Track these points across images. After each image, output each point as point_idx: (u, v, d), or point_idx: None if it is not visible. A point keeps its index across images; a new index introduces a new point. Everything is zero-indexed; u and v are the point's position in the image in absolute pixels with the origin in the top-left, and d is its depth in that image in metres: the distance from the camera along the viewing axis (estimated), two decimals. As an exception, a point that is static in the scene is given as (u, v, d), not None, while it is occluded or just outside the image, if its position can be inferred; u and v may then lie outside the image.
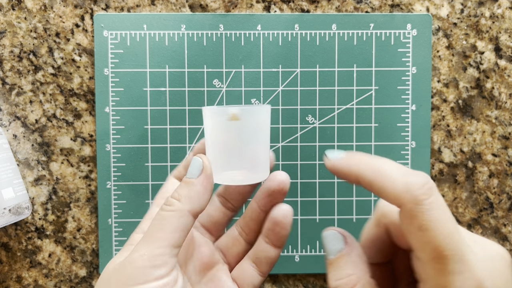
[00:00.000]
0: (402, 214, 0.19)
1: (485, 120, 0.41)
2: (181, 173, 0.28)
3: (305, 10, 0.40)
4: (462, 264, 0.18)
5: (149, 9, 0.40)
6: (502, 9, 0.40)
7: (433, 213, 0.18)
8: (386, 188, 0.19)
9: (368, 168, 0.20)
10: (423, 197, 0.19)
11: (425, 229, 0.18)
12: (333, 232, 0.22)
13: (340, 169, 0.21)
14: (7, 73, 0.40)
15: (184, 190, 0.24)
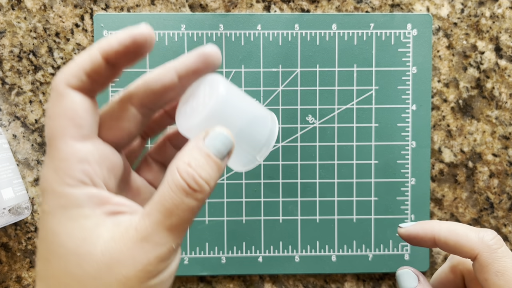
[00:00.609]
0: (477, 263, 0.22)
1: (485, 120, 0.41)
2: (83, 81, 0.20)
3: (305, 10, 0.40)
4: None
5: (149, 9, 0.40)
6: (503, 9, 0.40)
7: (507, 260, 0.22)
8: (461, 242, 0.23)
9: (442, 228, 0.24)
10: (496, 246, 0.22)
11: (502, 274, 0.21)
12: (407, 271, 0.25)
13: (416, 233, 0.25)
14: (7, 73, 0.40)
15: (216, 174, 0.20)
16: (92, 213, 0.19)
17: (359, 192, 0.40)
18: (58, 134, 0.19)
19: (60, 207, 0.19)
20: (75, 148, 0.19)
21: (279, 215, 0.40)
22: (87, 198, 0.19)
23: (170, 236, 0.19)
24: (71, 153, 0.19)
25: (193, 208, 0.19)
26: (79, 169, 0.19)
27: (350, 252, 0.40)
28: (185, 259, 0.40)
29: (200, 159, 0.19)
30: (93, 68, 0.20)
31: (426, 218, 0.40)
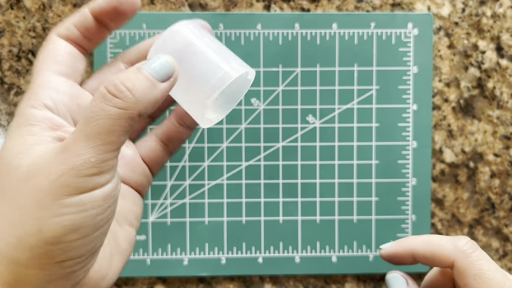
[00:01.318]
0: (456, 270, 0.23)
1: (486, 120, 0.41)
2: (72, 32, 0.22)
3: (305, 9, 0.40)
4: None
5: (148, 8, 0.40)
6: (504, 8, 0.40)
7: (482, 262, 0.22)
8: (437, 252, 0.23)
9: (417, 242, 0.24)
10: (470, 250, 0.23)
11: (479, 276, 0.22)
12: (396, 275, 0.25)
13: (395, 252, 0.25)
14: (6, 72, 0.40)
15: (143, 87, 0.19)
16: (40, 133, 0.19)
17: (359, 192, 0.40)
18: (40, 67, 0.22)
19: (17, 125, 0.20)
20: (49, 78, 0.21)
21: (279, 216, 0.40)
22: (41, 119, 0.20)
23: (88, 146, 0.18)
24: (45, 81, 0.21)
25: (112, 116, 0.18)
26: (47, 95, 0.20)
27: (350, 252, 0.40)
28: (184, 259, 0.40)
29: (129, 73, 0.20)
30: (81, 21, 0.22)
31: (427, 218, 0.40)
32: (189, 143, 0.40)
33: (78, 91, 0.22)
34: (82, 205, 0.18)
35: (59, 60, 0.22)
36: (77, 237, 0.18)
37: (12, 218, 0.18)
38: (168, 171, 0.40)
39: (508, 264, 0.41)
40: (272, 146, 0.40)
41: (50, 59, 0.22)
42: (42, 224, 0.18)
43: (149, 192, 0.40)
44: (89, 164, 0.18)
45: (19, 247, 0.18)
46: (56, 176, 0.18)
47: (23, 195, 0.18)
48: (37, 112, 0.20)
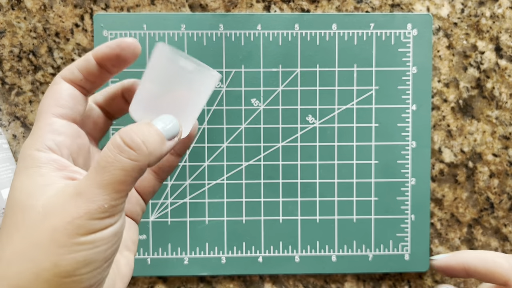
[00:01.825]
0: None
1: (485, 120, 0.41)
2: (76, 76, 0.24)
3: (305, 9, 0.40)
4: None
5: (148, 8, 0.40)
6: (503, 9, 0.40)
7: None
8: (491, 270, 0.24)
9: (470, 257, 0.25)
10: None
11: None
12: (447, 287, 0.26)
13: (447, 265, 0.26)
14: (7, 73, 0.40)
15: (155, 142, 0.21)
16: (48, 173, 0.21)
17: (359, 192, 0.40)
18: (44, 110, 0.23)
19: (24, 167, 0.21)
20: (52, 120, 0.22)
21: (279, 215, 0.40)
22: (48, 161, 0.21)
23: (102, 194, 0.20)
24: (48, 124, 0.22)
25: (126, 168, 0.20)
26: (50, 138, 0.22)
27: (350, 252, 0.40)
28: (185, 259, 0.40)
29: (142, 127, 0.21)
30: (85, 66, 0.23)
31: (427, 218, 0.40)
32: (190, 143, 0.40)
33: (77, 132, 0.24)
34: (94, 243, 0.20)
35: (62, 103, 0.23)
36: (88, 270, 0.20)
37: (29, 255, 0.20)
38: (168, 171, 0.40)
39: (507, 264, 0.41)
40: (272, 146, 0.40)
41: (53, 101, 0.23)
42: (58, 260, 0.19)
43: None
44: (102, 209, 0.20)
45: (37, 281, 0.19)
46: (72, 219, 0.20)
47: (39, 233, 0.20)
48: (42, 154, 0.21)
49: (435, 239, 0.41)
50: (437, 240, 0.41)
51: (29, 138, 0.22)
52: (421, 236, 0.40)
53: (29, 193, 0.21)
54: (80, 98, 0.24)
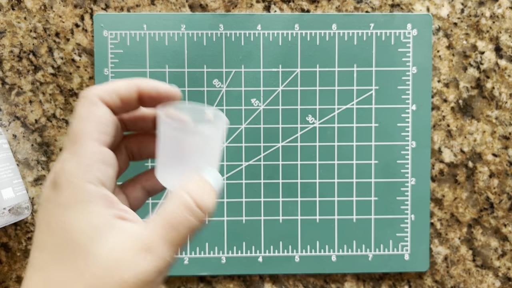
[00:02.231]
0: None
1: (485, 120, 0.41)
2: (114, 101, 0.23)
3: (305, 10, 0.40)
4: None
5: (149, 9, 0.40)
6: (503, 9, 0.40)
7: None
8: None
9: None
10: None
11: None
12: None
13: None
14: (7, 73, 0.40)
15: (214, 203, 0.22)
16: (101, 212, 0.20)
17: (359, 192, 0.40)
18: (85, 134, 0.21)
19: (76, 200, 0.20)
20: (99, 149, 0.21)
21: (279, 215, 0.40)
22: (100, 197, 0.21)
23: (169, 250, 0.21)
24: (95, 153, 0.21)
25: (193, 227, 0.21)
26: (100, 169, 0.21)
27: (350, 252, 0.40)
28: (185, 259, 0.40)
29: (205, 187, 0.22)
30: (126, 94, 0.23)
31: (426, 218, 0.40)
32: (190, 143, 0.40)
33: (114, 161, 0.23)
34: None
35: (104, 130, 0.22)
36: None
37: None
38: (168, 171, 0.40)
39: (507, 264, 0.41)
40: (272, 146, 0.40)
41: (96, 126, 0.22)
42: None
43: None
44: (168, 266, 0.21)
45: None
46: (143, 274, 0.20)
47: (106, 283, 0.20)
48: (93, 188, 0.21)
49: (435, 239, 0.41)
50: (437, 240, 0.41)
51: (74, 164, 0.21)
52: (421, 236, 0.40)
53: (88, 236, 0.20)
54: (118, 125, 0.24)
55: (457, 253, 0.41)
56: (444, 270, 0.41)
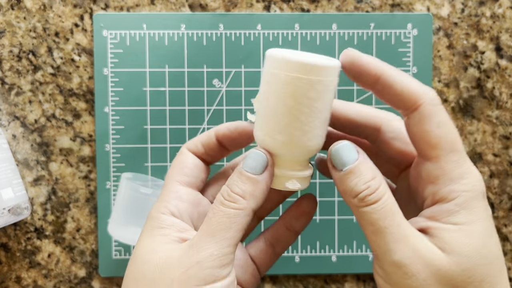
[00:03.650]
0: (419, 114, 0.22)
1: (485, 120, 0.41)
2: (199, 149, 0.26)
3: (305, 9, 0.40)
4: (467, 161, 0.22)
5: (148, 8, 0.40)
6: (503, 8, 0.40)
7: (445, 114, 0.22)
8: (409, 88, 0.22)
9: (392, 70, 0.22)
10: (438, 101, 0.22)
11: (443, 125, 0.21)
12: (347, 143, 0.23)
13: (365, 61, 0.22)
14: (6, 73, 0.40)
15: (249, 187, 0.23)
16: (170, 234, 0.23)
17: (359, 192, 0.40)
18: (170, 178, 0.25)
19: (150, 227, 0.24)
20: (176, 188, 0.25)
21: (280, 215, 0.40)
22: (170, 223, 0.23)
23: (211, 241, 0.21)
24: (172, 191, 0.25)
25: (230, 215, 0.22)
26: (174, 204, 0.24)
27: (350, 252, 0.40)
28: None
29: (234, 177, 0.23)
30: (206, 141, 0.26)
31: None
32: (189, 143, 0.40)
33: (199, 199, 0.25)
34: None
35: (186, 171, 0.25)
36: None
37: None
38: (168, 171, 0.40)
39: (507, 264, 0.41)
40: (272, 146, 0.40)
41: (179, 170, 0.25)
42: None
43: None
44: (212, 258, 0.21)
45: None
46: (186, 269, 0.21)
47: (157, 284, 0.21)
48: (166, 217, 0.24)
49: (435, 239, 0.41)
50: (437, 240, 0.41)
51: (158, 202, 0.24)
52: (421, 236, 0.40)
53: (149, 249, 0.23)
54: (202, 168, 0.26)
55: (458, 253, 0.41)
56: (445, 270, 0.41)
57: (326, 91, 0.22)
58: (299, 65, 0.22)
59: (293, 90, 0.22)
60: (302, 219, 0.28)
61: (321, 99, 0.22)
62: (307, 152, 0.24)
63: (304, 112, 0.22)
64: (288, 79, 0.22)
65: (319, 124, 0.23)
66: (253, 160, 0.23)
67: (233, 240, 0.22)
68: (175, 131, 0.40)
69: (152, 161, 0.40)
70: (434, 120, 0.21)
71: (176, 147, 0.40)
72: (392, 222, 0.21)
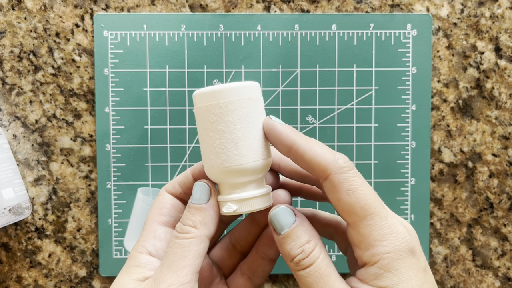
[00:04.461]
0: (329, 183, 0.23)
1: (485, 120, 0.41)
2: (177, 190, 0.27)
3: (305, 10, 0.40)
4: (387, 222, 0.22)
5: (149, 9, 0.40)
6: (502, 9, 0.40)
7: (356, 179, 0.22)
8: (318, 159, 0.22)
9: (302, 140, 0.23)
10: (347, 168, 0.22)
11: (352, 192, 0.22)
12: (283, 207, 0.24)
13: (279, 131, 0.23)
14: (7, 73, 0.40)
15: (198, 217, 0.24)
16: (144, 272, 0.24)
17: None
18: (149, 218, 0.26)
19: (127, 265, 0.25)
20: (154, 227, 0.26)
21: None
22: (146, 262, 0.24)
23: (169, 273, 0.22)
24: (151, 231, 0.25)
25: (183, 245, 0.23)
26: (152, 243, 0.25)
27: (350, 252, 0.40)
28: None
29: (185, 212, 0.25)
30: (184, 181, 0.26)
31: (426, 218, 0.40)
32: (189, 143, 0.40)
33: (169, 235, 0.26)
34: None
35: (164, 211, 0.26)
36: None
37: None
38: (169, 171, 0.40)
39: (507, 264, 0.41)
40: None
41: (157, 210, 0.26)
42: None
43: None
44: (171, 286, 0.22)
45: None
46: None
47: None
48: (142, 256, 0.25)
49: (435, 239, 0.41)
50: (436, 240, 0.41)
51: (137, 241, 0.26)
52: (420, 236, 0.40)
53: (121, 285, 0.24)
54: (180, 207, 0.27)
55: (457, 253, 0.41)
56: (444, 270, 0.41)
57: (227, 112, 0.23)
58: (198, 97, 0.24)
59: (199, 119, 0.24)
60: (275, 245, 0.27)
61: (222, 121, 0.23)
62: (232, 173, 0.24)
63: (211, 136, 0.23)
64: (196, 112, 0.24)
65: (230, 144, 0.23)
66: (198, 192, 0.25)
67: (191, 268, 0.23)
68: (175, 131, 0.40)
69: (152, 161, 0.40)
70: (343, 189, 0.22)
71: (176, 147, 0.40)
72: (324, 285, 0.22)
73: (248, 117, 0.23)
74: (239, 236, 0.28)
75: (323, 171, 0.22)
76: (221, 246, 0.29)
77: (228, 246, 0.28)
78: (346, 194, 0.22)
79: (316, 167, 0.22)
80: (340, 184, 0.22)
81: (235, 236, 0.28)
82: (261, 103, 0.24)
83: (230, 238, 0.29)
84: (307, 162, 0.23)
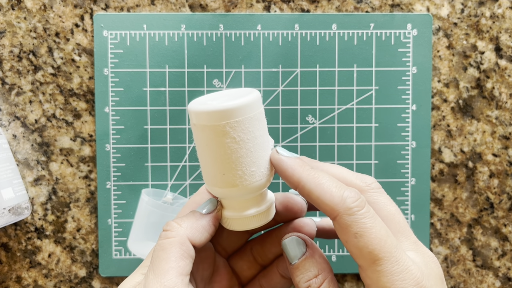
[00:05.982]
0: (337, 224, 0.22)
1: (485, 120, 0.41)
2: None
3: (305, 10, 0.40)
4: (398, 265, 0.21)
5: (149, 9, 0.40)
6: (503, 9, 0.40)
7: (365, 221, 0.21)
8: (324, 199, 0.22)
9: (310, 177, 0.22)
10: (356, 208, 0.21)
11: (360, 235, 0.21)
12: (294, 238, 0.24)
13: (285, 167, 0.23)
14: (7, 73, 0.40)
15: (190, 219, 0.23)
16: None
17: (359, 192, 0.40)
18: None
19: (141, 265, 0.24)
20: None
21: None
22: None
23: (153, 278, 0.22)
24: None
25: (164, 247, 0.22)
26: None
27: (350, 252, 0.40)
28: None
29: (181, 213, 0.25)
30: None
31: (426, 218, 0.40)
32: (189, 143, 0.40)
33: None
34: None
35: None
36: None
37: None
38: (168, 171, 0.40)
39: (507, 264, 0.41)
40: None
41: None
42: None
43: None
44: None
45: None
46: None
47: None
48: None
49: (435, 239, 0.41)
50: (437, 240, 0.41)
51: None
52: (421, 236, 0.40)
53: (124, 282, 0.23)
54: None
55: (457, 253, 0.41)
56: (444, 270, 0.41)
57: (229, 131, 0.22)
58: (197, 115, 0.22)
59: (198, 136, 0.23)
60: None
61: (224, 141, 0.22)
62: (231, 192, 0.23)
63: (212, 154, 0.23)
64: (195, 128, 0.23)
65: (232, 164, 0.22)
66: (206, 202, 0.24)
67: (175, 271, 0.22)
68: (175, 131, 0.40)
69: (152, 161, 0.40)
70: (351, 232, 0.21)
71: (176, 147, 0.40)
72: None
73: (251, 135, 0.23)
74: (260, 250, 0.28)
75: (330, 211, 0.22)
76: (241, 255, 0.28)
77: (249, 257, 0.28)
78: (354, 237, 0.21)
79: (323, 207, 0.22)
80: (348, 226, 0.21)
81: (256, 248, 0.28)
82: (263, 117, 0.24)
83: (251, 249, 0.28)
84: (314, 200, 0.22)
